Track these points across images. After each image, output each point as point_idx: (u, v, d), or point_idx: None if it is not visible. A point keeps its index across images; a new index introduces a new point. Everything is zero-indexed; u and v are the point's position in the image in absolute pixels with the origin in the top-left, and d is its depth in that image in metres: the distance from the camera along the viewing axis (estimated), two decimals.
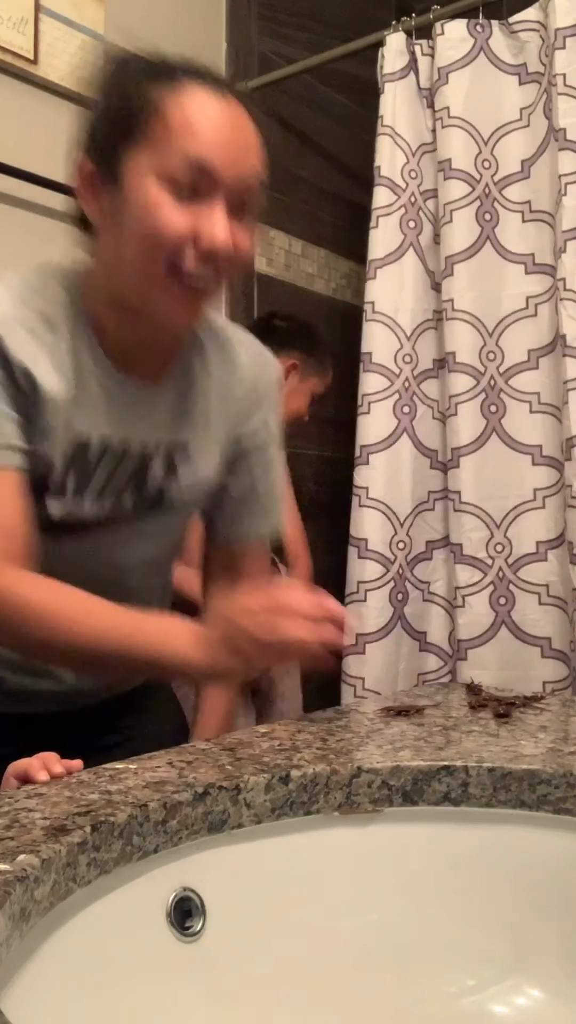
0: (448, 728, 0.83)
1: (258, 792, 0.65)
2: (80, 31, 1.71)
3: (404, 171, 2.02)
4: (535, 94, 1.91)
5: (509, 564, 1.88)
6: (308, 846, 0.67)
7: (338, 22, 2.34)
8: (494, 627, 1.88)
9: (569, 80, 1.79)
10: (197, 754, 0.72)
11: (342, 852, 0.67)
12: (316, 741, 0.76)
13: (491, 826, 0.69)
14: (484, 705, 0.92)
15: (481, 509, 1.90)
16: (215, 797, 0.63)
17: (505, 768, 0.69)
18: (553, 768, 0.69)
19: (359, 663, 1.93)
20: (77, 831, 0.54)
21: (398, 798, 0.69)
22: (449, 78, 1.94)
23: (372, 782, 0.69)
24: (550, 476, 1.85)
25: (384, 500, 1.96)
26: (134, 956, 0.56)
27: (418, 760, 0.70)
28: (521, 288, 1.89)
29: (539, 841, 0.69)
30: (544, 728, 0.83)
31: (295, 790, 0.66)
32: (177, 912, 0.59)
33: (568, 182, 1.78)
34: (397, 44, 2.02)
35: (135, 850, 0.58)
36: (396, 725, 0.83)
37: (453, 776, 0.69)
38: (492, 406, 1.91)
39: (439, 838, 0.69)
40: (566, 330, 1.76)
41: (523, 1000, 0.65)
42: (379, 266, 1.99)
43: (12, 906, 0.46)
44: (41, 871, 0.50)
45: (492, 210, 1.93)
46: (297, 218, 2.32)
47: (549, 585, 1.85)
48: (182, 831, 0.61)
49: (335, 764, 0.69)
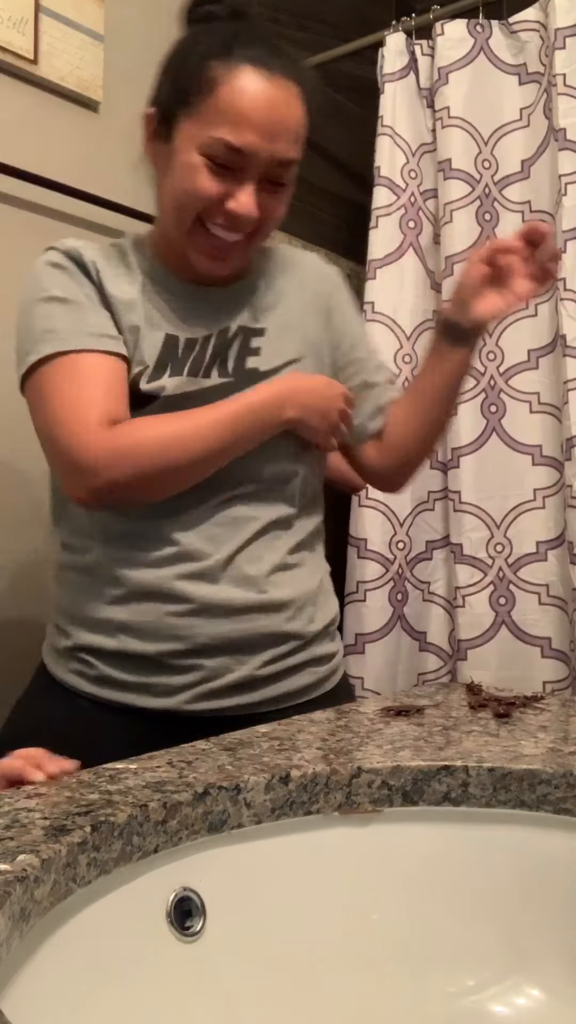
0: (448, 728, 0.83)
1: (258, 792, 0.65)
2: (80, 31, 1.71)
3: (404, 171, 2.02)
4: (535, 94, 1.91)
5: (509, 564, 1.88)
6: (308, 846, 0.67)
7: (338, 22, 2.34)
8: (494, 627, 1.88)
9: (569, 80, 1.79)
10: (197, 754, 0.72)
11: (342, 852, 0.67)
12: (316, 741, 0.76)
13: (491, 826, 0.69)
14: (484, 705, 0.92)
15: (481, 509, 1.90)
16: (215, 797, 0.63)
17: (505, 768, 0.69)
18: (553, 768, 0.69)
19: (359, 663, 1.93)
20: (77, 831, 0.54)
21: (398, 798, 0.69)
22: (449, 78, 1.94)
23: (372, 782, 0.68)
24: (550, 476, 1.85)
25: (384, 500, 1.96)
26: (134, 956, 0.56)
27: (418, 760, 0.70)
28: None
29: (539, 841, 0.69)
30: (544, 728, 0.83)
31: (295, 790, 0.66)
32: (177, 912, 0.59)
33: (568, 182, 1.78)
34: (397, 44, 2.03)
35: (135, 850, 0.58)
36: (396, 725, 0.83)
37: (453, 776, 0.69)
38: (492, 406, 1.91)
39: (439, 838, 0.69)
40: (566, 330, 1.76)
41: (523, 1000, 0.65)
42: (379, 266, 1.99)
43: (12, 906, 0.46)
44: (41, 871, 0.50)
45: (492, 210, 1.93)
46: (297, 218, 2.31)
47: (549, 585, 1.85)
48: (182, 831, 0.61)
49: (335, 764, 0.69)
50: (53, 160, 1.66)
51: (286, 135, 0.95)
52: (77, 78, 1.70)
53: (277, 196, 0.99)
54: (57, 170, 1.66)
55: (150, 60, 1.04)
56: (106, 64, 1.75)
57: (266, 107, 0.93)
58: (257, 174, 0.95)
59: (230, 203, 0.96)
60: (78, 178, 1.69)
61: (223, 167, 0.94)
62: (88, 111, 1.75)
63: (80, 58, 1.70)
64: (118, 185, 1.71)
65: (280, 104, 0.94)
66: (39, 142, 1.65)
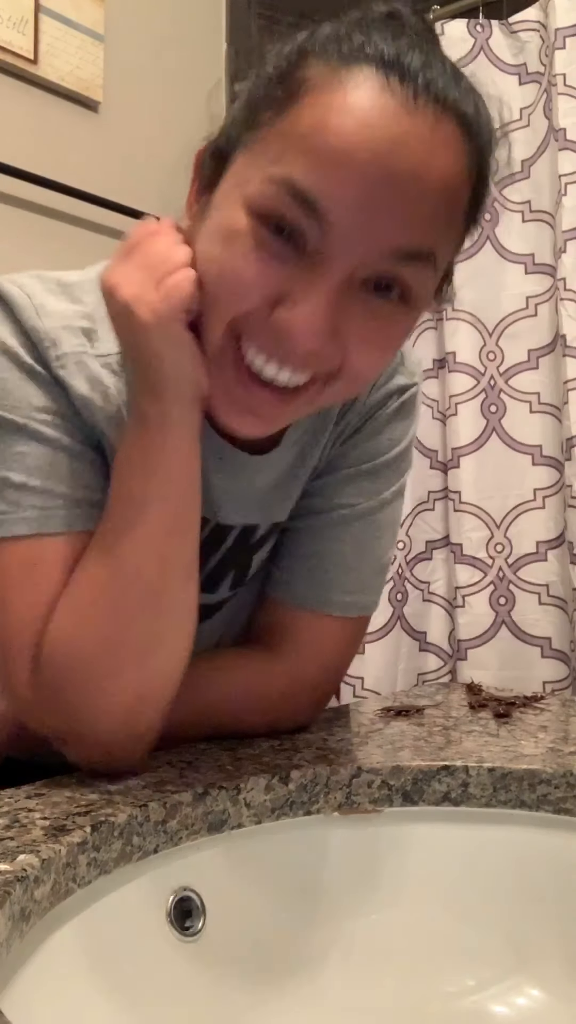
0: (448, 728, 0.83)
1: (258, 792, 0.65)
2: (80, 31, 1.71)
3: None
4: (535, 94, 1.91)
5: (509, 564, 1.88)
6: (308, 846, 0.67)
7: None
8: (494, 627, 1.88)
9: (569, 80, 1.79)
10: (197, 754, 0.72)
11: (342, 852, 0.67)
12: (316, 741, 0.76)
13: (491, 826, 0.69)
14: (484, 705, 0.92)
15: (481, 509, 1.90)
16: (215, 797, 0.63)
17: (505, 768, 0.69)
18: (553, 768, 0.69)
19: (359, 663, 1.93)
20: (77, 831, 0.54)
21: (398, 798, 0.69)
22: None
23: (372, 782, 0.68)
24: (550, 476, 1.85)
25: None
26: (134, 956, 0.56)
27: (418, 760, 0.70)
28: (521, 288, 1.89)
29: (539, 841, 0.69)
30: (544, 728, 0.83)
31: (295, 790, 0.66)
32: (177, 912, 0.59)
33: (568, 182, 1.78)
34: None
35: (135, 850, 0.58)
36: (396, 725, 0.83)
37: (453, 776, 0.69)
38: (492, 406, 1.91)
39: (439, 838, 0.69)
40: (566, 330, 1.76)
41: (523, 1000, 0.65)
42: None
43: (12, 906, 0.46)
44: (41, 871, 0.50)
45: (492, 209, 1.93)
46: None
47: (549, 585, 1.85)
48: (182, 831, 0.61)
49: (335, 764, 0.69)
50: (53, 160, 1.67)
51: (421, 214, 0.53)
52: (77, 78, 1.70)
53: (377, 324, 0.56)
54: (57, 170, 1.66)
55: (150, 60, 1.04)
56: (106, 64, 1.75)
57: (388, 141, 0.51)
58: (348, 268, 0.54)
59: (280, 311, 0.54)
60: (78, 178, 1.69)
61: (285, 239, 0.54)
62: (88, 111, 1.75)
63: (80, 58, 1.70)
64: (118, 185, 1.71)
65: (421, 142, 0.52)
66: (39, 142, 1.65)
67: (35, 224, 1.64)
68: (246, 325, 0.56)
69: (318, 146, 0.52)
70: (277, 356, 0.56)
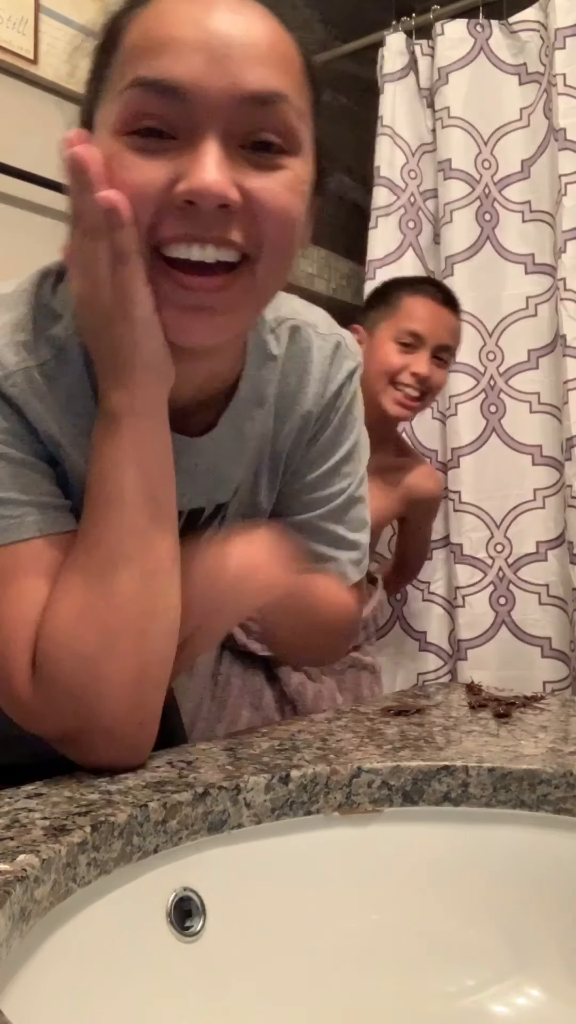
0: (448, 728, 0.82)
1: (258, 792, 0.65)
2: (80, 31, 1.71)
3: (404, 171, 2.02)
4: (535, 94, 1.91)
5: (509, 564, 1.88)
6: (308, 846, 0.67)
7: (338, 22, 2.34)
8: (494, 627, 1.88)
9: (569, 80, 1.79)
10: (197, 754, 0.72)
11: (342, 852, 0.67)
12: (316, 741, 0.76)
13: (491, 826, 0.69)
14: (484, 705, 0.92)
15: (481, 509, 1.90)
16: (215, 797, 0.63)
17: (505, 768, 0.69)
18: (553, 768, 0.69)
19: None
20: (77, 831, 0.54)
21: (398, 798, 0.69)
22: (449, 78, 1.94)
23: (372, 782, 0.68)
24: (550, 476, 1.85)
25: None
26: (134, 956, 0.56)
27: (418, 760, 0.70)
28: (521, 288, 1.89)
29: (539, 841, 0.69)
30: (544, 728, 0.83)
31: (295, 790, 0.66)
32: (177, 912, 0.59)
33: (568, 182, 1.78)
34: (397, 44, 2.03)
35: (135, 850, 0.58)
36: (396, 725, 0.83)
37: (453, 776, 0.69)
38: (492, 406, 1.91)
39: (439, 838, 0.69)
40: (566, 330, 1.76)
41: (523, 1000, 0.65)
42: (379, 266, 1.99)
43: (12, 906, 0.46)
44: (41, 871, 0.50)
45: (492, 210, 1.93)
46: None
47: (549, 585, 1.85)
48: (182, 831, 0.61)
49: (335, 764, 0.69)
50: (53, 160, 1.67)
51: (257, 56, 0.57)
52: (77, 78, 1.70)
53: (270, 176, 0.59)
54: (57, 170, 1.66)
55: None
56: None
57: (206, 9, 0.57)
58: (219, 130, 0.57)
59: (180, 186, 0.56)
60: None
61: (157, 136, 0.57)
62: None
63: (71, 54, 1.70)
64: None
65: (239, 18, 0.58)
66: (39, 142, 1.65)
67: (35, 224, 1.64)
68: (159, 226, 0.58)
69: (147, 44, 0.57)
70: (194, 235, 0.58)
